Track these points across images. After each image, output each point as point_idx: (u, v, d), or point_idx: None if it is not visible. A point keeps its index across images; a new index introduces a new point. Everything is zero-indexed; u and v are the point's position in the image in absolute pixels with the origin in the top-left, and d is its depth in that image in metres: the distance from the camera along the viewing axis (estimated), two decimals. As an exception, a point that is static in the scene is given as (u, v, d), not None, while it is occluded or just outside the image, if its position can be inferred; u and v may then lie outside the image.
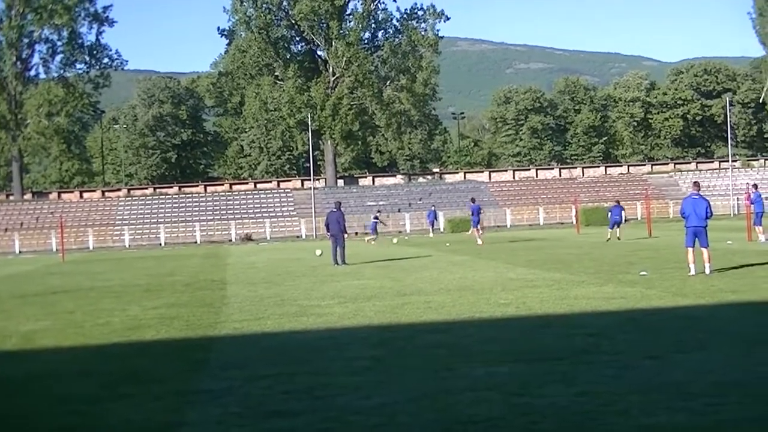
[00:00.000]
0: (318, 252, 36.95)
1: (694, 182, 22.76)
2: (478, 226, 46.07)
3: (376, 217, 57.32)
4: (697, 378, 9.21)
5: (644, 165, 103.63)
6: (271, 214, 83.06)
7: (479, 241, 44.79)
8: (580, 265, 26.66)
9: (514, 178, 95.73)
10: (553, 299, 17.22)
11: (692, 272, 20.88)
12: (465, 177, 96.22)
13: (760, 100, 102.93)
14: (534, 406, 8.34)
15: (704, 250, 21.26)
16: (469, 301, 17.54)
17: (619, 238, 41.20)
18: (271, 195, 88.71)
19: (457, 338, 13.04)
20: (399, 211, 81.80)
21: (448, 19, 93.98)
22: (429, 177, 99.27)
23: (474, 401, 8.73)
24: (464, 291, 19.82)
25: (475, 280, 22.89)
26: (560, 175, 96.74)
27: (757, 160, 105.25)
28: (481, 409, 8.36)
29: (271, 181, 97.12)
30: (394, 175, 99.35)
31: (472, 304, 17.10)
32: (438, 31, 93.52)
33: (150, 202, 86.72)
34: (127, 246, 75.39)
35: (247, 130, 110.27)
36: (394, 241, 56.34)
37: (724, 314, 14.32)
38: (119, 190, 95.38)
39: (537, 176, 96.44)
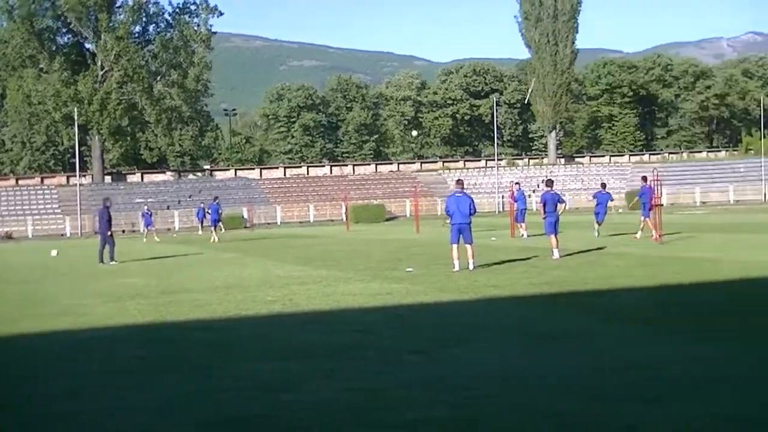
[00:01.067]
0: (53, 252, 36.27)
1: (457, 180, 23.29)
2: (218, 225, 47.85)
3: (149, 213, 57.07)
4: (459, 372, 9.38)
5: (414, 163, 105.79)
6: (33, 212, 79.92)
7: (215, 239, 46.51)
8: (348, 261, 26.87)
9: (285, 175, 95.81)
10: (320, 296, 17.24)
11: (456, 268, 21.36)
12: (236, 174, 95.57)
13: (525, 101, 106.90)
14: (300, 403, 8.29)
15: (468, 246, 21.81)
16: (236, 299, 17.35)
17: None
18: (34, 191, 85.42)
19: (224, 336, 12.88)
20: (168, 208, 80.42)
21: (221, 14, 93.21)
22: (199, 174, 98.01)
23: (239, 399, 8.62)
24: (231, 289, 19.61)
25: (243, 277, 22.70)
26: (331, 173, 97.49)
27: (522, 159, 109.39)
28: (247, 407, 8.26)
29: (34, 177, 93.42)
30: (164, 172, 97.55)
31: (239, 301, 16.92)
32: (211, 26, 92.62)
33: None
34: None
35: (8, 123, 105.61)
36: (157, 239, 55.24)
37: (486, 309, 14.70)
38: None
39: (308, 173, 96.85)
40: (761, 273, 17.90)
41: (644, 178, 33.96)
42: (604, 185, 36.58)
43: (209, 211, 50.08)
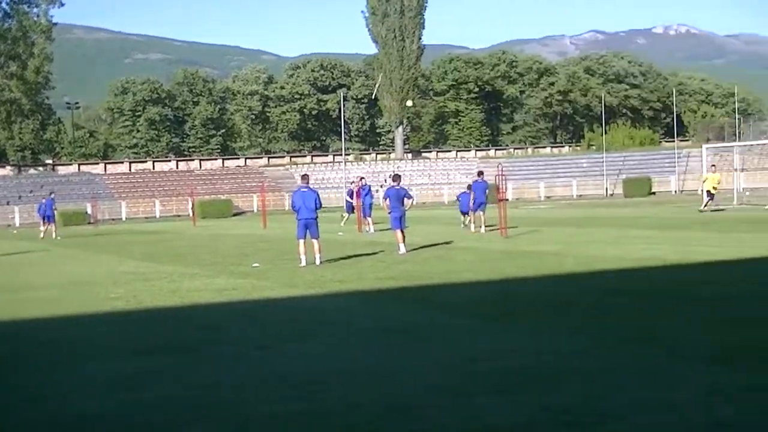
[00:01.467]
0: None
1: (303, 175, 23.32)
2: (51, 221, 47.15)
3: None
4: (304, 367, 9.30)
5: (261, 158, 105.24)
6: None
7: (57, 235, 46.14)
8: (194, 257, 26.55)
9: (130, 170, 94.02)
10: (165, 292, 16.93)
11: (303, 263, 21.31)
12: (80, 169, 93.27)
13: (373, 96, 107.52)
14: (142, 402, 8.10)
15: (315, 241, 21.79)
16: (79, 296, 16.93)
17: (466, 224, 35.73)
18: None
19: (67, 334, 12.56)
20: (8, 203, 77.94)
21: (62, 5, 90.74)
22: (41, 168, 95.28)
23: (83, 398, 8.39)
24: (75, 285, 19.14)
25: (87, 274, 22.19)
26: (177, 168, 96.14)
27: (369, 153, 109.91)
28: (92, 407, 8.04)
29: None
30: (3, 166, 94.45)
31: (83, 298, 16.51)
32: (52, 17, 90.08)
33: None
34: None
35: None
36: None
37: (332, 304, 14.65)
38: None
39: (154, 168, 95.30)
40: (603, 266, 18.35)
41: (479, 173, 34.47)
42: (480, 173, 35.53)
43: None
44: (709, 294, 13.45)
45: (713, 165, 42.41)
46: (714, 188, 40.50)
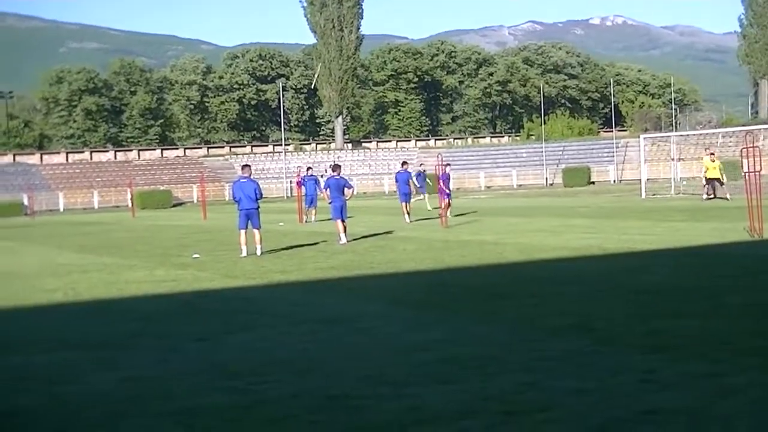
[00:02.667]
0: None
1: (243, 166, 23.26)
2: None
3: None
4: (243, 358, 9.29)
5: (201, 148, 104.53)
6: None
7: None
8: (133, 248, 26.34)
9: (67, 160, 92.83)
10: (103, 284, 16.80)
11: (244, 254, 21.27)
12: (15, 159, 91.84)
13: (312, 86, 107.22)
14: (76, 395, 8.02)
15: (256, 231, 21.77)
16: (13, 288, 16.73)
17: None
18: None
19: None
20: (-58, 194, 76.71)
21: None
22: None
23: (11, 392, 8.30)
24: (9, 277, 18.92)
25: (22, 265, 21.94)
26: (116, 158, 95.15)
27: (309, 144, 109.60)
28: (22, 400, 7.95)
29: None
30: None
31: (18, 291, 16.33)
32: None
33: None
34: None
35: None
36: None
37: (271, 294, 14.65)
38: None
39: (92, 159, 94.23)
40: (542, 255, 18.52)
41: (403, 164, 34.70)
42: (404, 163, 35.72)
43: None
44: (646, 283, 13.62)
45: (712, 153, 41.58)
46: (713, 176, 39.12)
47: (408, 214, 32.96)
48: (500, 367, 8.24)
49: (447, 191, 32.03)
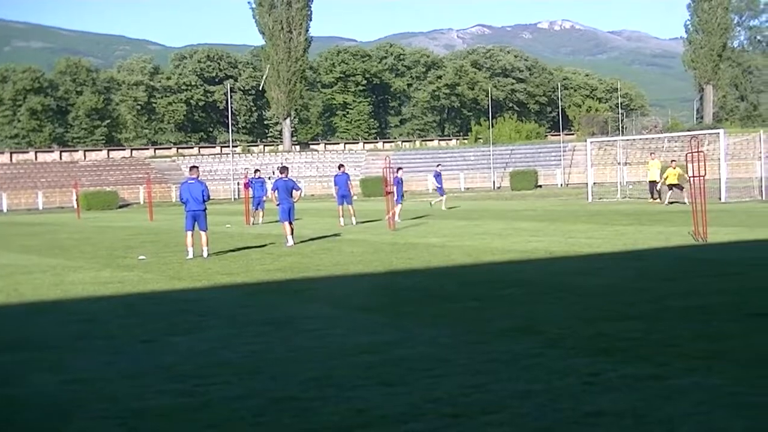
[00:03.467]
0: None
1: (191, 167, 23.13)
2: None
3: None
4: (188, 360, 9.23)
5: (147, 149, 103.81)
6: None
7: None
8: (78, 250, 26.08)
9: (11, 160, 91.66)
10: (47, 285, 16.61)
11: (190, 255, 21.16)
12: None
13: (260, 88, 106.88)
14: (20, 397, 7.94)
15: (203, 233, 21.67)
16: (-45, 290, 16.43)
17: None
18: None
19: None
20: None
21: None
22: None
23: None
24: (-49, 279, 18.56)
25: (-35, 267, 21.56)
26: (61, 159, 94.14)
27: (257, 145, 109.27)
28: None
29: None
30: None
31: (-41, 292, 16.03)
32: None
33: None
34: None
35: None
36: None
37: (217, 296, 14.58)
38: None
39: (36, 159, 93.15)
40: (489, 258, 18.60)
41: (340, 166, 34.84)
42: (341, 166, 35.76)
43: None
44: (591, 285, 13.73)
45: (673, 160, 42.13)
46: (673, 182, 39.41)
47: (344, 217, 33.07)
48: (446, 370, 8.25)
49: (398, 195, 32.36)
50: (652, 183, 41.43)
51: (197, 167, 23.34)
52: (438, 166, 46.47)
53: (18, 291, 15.91)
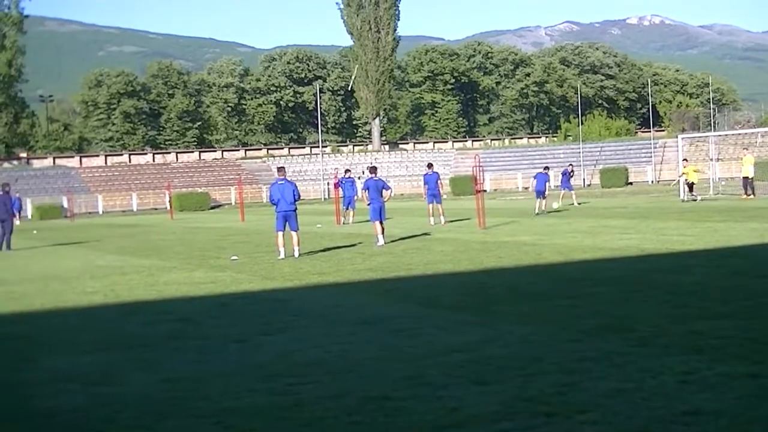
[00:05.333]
0: None
1: (279, 168, 23.36)
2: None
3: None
4: (281, 359, 9.31)
5: (238, 150, 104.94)
6: None
7: None
8: (171, 250, 26.48)
9: (106, 163, 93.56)
10: (142, 286, 16.91)
11: (282, 256, 21.32)
12: (54, 162, 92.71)
13: (349, 88, 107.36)
14: (116, 396, 8.08)
15: (294, 233, 21.82)
16: (54, 291, 16.85)
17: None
18: None
19: (40, 329, 12.50)
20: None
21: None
22: (15, 162, 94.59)
23: (54, 393, 8.34)
24: (50, 280, 19.02)
25: (63, 268, 22.10)
26: (154, 161, 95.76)
27: (346, 145, 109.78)
28: (61, 401, 8.00)
29: None
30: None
31: (58, 293, 16.43)
32: (23, 9, 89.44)
33: None
34: None
35: None
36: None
37: (309, 296, 14.67)
38: None
39: (130, 161, 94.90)
40: (580, 256, 18.45)
41: (429, 165, 34.68)
42: (430, 165, 35.69)
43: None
44: (684, 283, 13.53)
45: (685, 159, 42.30)
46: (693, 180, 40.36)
47: (433, 216, 32.96)
48: (539, 369, 8.21)
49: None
50: (746, 179, 40.77)
51: (284, 168, 23.57)
52: (569, 165, 46.46)
53: (114, 291, 16.22)
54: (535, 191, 37.80)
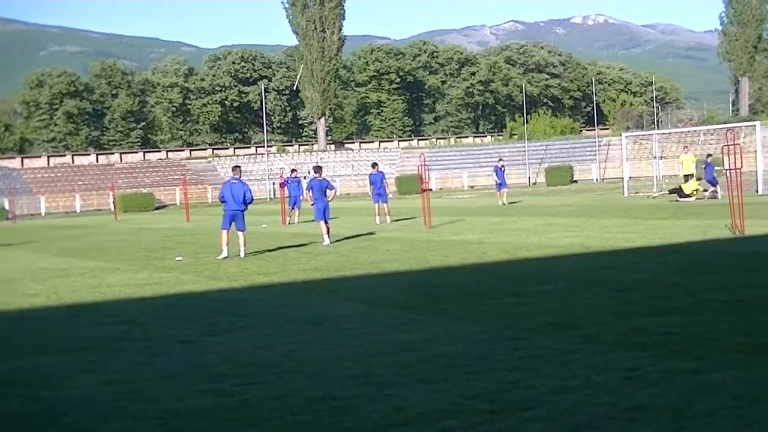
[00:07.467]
0: None
1: (234, 167, 23.27)
2: None
3: None
4: (227, 360, 9.27)
5: (183, 150, 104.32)
6: None
7: None
8: (115, 252, 26.27)
9: (48, 164, 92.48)
10: (85, 288, 16.75)
11: (225, 254, 21.27)
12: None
13: (294, 88, 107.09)
14: (59, 399, 8.00)
15: (240, 233, 21.76)
16: (-5, 293, 16.61)
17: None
18: None
19: (-20, 333, 12.30)
20: None
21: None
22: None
23: (-4, 398, 8.24)
24: (-9, 282, 18.76)
25: (3, 270, 21.87)
26: (97, 161, 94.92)
27: (292, 145, 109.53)
28: (4, 406, 7.91)
29: None
30: None
31: None
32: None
33: None
34: None
35: None
36: None
37: (255, 296, 14.61)
38: None
39: (73, 162, 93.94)
40: (525, 254, 18.56)
41: (374, 165, 34.75)
42: (374, 164, 35.64)
43: None
44: (628, 280, 13.66)
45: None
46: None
47: (379, 216, 33.06)
48: (484, 366, 8.25)
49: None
50: (687, 177, 41.14)
51: (240, 167, 23.45)
52: (500, 161, 46.08)
53: (57, 294, 16.05)
54: (498, 184, 39.56)
